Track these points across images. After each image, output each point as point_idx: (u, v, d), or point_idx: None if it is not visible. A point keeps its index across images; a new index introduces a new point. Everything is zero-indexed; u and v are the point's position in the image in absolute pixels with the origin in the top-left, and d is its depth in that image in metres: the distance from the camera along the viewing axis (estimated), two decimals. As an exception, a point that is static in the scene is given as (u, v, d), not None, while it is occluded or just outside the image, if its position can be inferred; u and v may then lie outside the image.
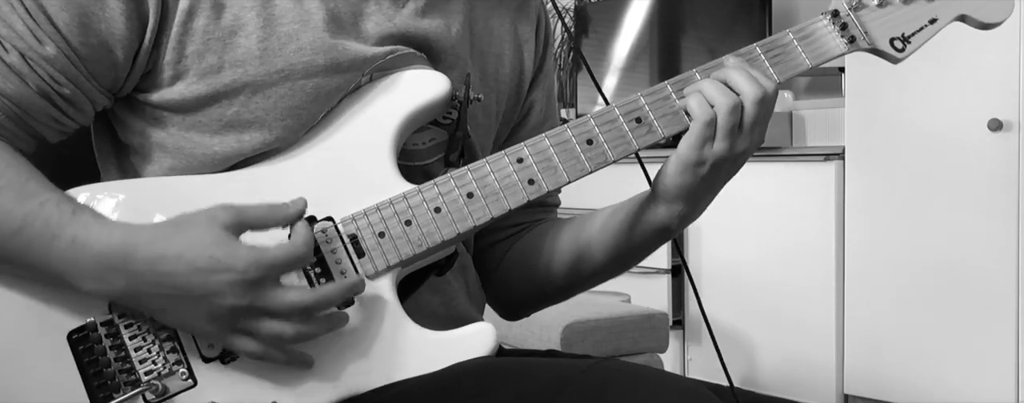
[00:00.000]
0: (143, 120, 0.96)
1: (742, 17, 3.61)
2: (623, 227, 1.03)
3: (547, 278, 1.11)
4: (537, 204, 1.12)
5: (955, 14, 0.98)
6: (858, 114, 3.13)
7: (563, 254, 1.09)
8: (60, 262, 0.85)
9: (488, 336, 0.91)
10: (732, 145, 0.92)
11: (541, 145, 0.93)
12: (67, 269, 0.85)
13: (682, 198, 0.96)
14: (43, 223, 0.85)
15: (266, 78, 0.92)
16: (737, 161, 0.95)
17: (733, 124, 0.91)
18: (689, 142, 0.92)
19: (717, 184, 0.96)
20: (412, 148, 1.01)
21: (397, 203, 0.92)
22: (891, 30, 0.97)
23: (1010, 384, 2.81)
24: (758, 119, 0.92)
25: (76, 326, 0.89)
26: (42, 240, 0.85)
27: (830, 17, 0.97)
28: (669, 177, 0.95)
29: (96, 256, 0.84)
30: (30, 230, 0.85)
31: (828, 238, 3.17)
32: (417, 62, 0.99)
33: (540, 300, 1.16)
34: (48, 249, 0.85)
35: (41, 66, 0.89)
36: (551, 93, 1.17)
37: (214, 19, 0.92)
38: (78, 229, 0.85)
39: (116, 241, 0.84)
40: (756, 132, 0.93)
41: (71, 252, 0.84)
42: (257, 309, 0.83)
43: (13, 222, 0.85)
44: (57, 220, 0.85)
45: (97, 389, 0.88)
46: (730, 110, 0.91)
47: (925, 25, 0.98)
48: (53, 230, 0.85)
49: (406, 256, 0.91)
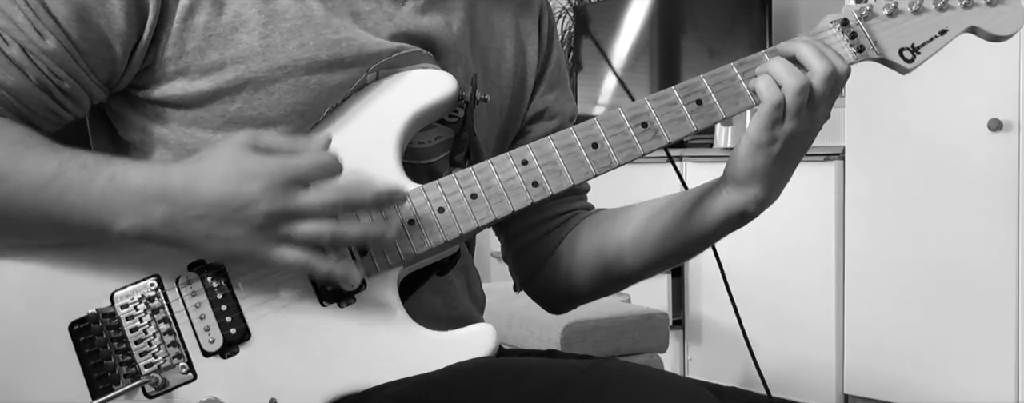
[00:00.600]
0: (144, 116, 0.96)
1: (742, 17, 3.61)
2: (684, 216, 1.02)
3: (592, 277, 1.11)
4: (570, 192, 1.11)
5: (966, 26, 0.97)
6: (858, 114, 3.13)
7: (608, 251, 1.09)
8: (99, 200, 0.85)
9: (488, 337, 0.91)
10: (800, 123, 0.92)
11: (546, 147, 0.93)
12: (105, 207, 0.85)
13: (757, 180, 0.95)
14: (80, 165, 0.86)
15: (269, 74, 0.92)
16: (806, 138, 0.95)
17: (801, 102, 0.91)
18: (759, 123, 0.92)
19: (790, 163, 0.96)
20: (417, 146, 1.01)
21: (400, 202, 0.92)
22: (901, 40, 0.97)
23: (1010, 384, 2.81)
24: (827, 96, 0.92)
25: (78, 317, 0.89)
26: (79, 182, 0.85)
27: (840, 26, 0.96)
28: (741, 160, 0.95)
29: (135, 189, 0.84)
30: (67, 175, 0.85)
31: (828, 238, 3.17)
32: (423, 60, 0.99)
33: (587, 295, 1.15)
34: (86, 189, 0.85)
35: (41, 59, 0.89)
36: (563, 84, 1.16)
37: (215, 15, 0.92)
38: (116, 167, 0.86)
39: (155, 173, 0.85)
40: (824, 108, 0.93)
41: (111, 188, 0.85)
42: (291, 212, 0.83)
43: (48, 169, 0.85)
44: (93, 163, 0.86)
45: (97, 380, 0.89)
46: (798, 90, 0.91)
47: (935, 36, 0.97)
48: (90, 172, 0.85)
49: (408, 255, 0.91)
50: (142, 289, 0.91)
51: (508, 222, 1.01)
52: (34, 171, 0.85)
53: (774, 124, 0.92)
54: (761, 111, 0.92)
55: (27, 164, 0.86)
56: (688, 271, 3.53)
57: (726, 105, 0.94)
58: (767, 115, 0.91)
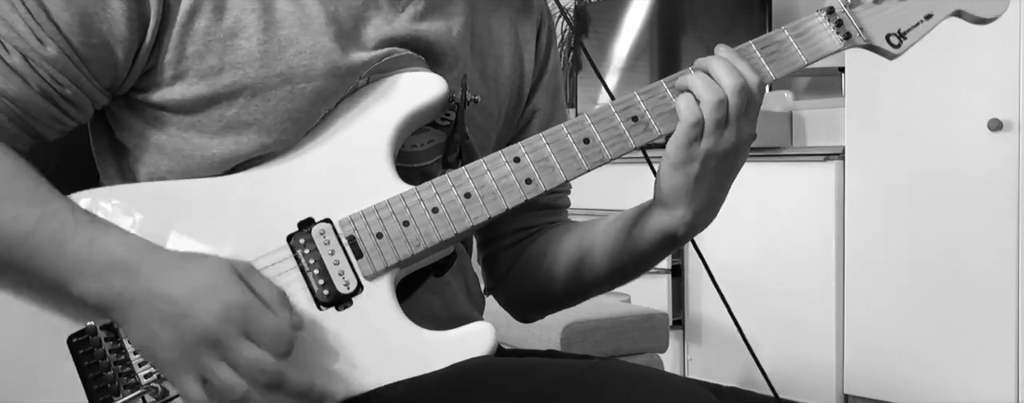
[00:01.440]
0: (142, 120, 0.96)
1: (742, 17, 3.61)
2: (623, 235, 1.03)
3: (553, 284, 1.11)
4: (546, 206, 1.13)
5: (951, 9, 0.97)
6: (858, 114, 3.12)
7: (568, 260, 1.09)
8: (70, 262, 0.84)
9: (487, 336, 0.91)
10: (718, 141, 0.92)
11: (537, 144, 0.93)
12: (73, 269, 0.84)
13: (681, 201, 0.95)
14: (58, 225, 0.85)
15: (265, 81, 0.92)
16: (728, 158, 0.94)
17: (719, 118, 0.91)
18: (675, 142, 0.92)
19: (715, 185, 0.95)
20: (410, 150, 1.01)
21: (395, 204, 0.92)
22: (887, 26, 0.97)
23: (1010, 384, 2.81)
24: (742, 111, 0.92)
25: (76, 330, 0.89)
26: (54, 242, 0.85)
27: (825, 14, 0.97)
28: (663, 180, 0.95)
29: (109, 257, 0.84)
30: (42, 234, 0.85)
31: (828, 238, 3.17)
32: (414, 64, 0.99)
33: (549, 304, 1.16)
34: (59, 250, 0.84)
35: (43, 67, 0.89)
36: (557, 94, 1.17)
37: (215, 20, 0.92)
38: (96, 232, 0.85)
39: (137, 245, 0.85)
40: (744, 125, 0.93)
41: (86, 252, 0.84)
42: (223, 350, 0.82)
43: (24, 226, 0.85)
44: (72, 224, 0.85)
45: (97, 392, 0.88)
46: (716, 105, 0.90)
47: (921, 20, 0.97)
48: (68, 232, 0.85)
49: (404, 257, 0.91)
50: None
51: (489, 227, 1.01)
52: (14, 223, 0.85)
53: (690, 143, 0.92)
54: (678, 129, 0.92)
55: (7, 215, 0.85)
56: (688, 271, 3.53)
57: None
58: (683, 134, 0.91)
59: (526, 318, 1.19)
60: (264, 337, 0.82)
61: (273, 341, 0.82)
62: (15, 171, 0.88)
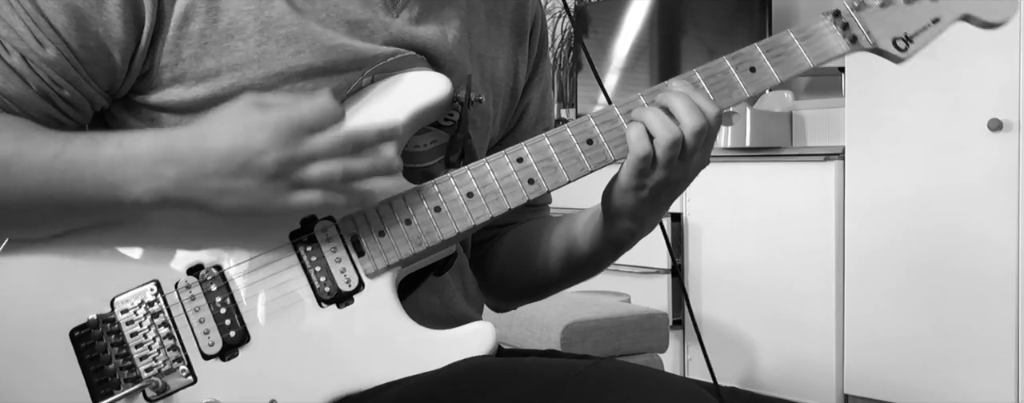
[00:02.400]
0: (141, 121, 0.96)
1: (742, 17, 3.61)
2: (573, 239, 1.06)
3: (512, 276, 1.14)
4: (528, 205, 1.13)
5: (958, 14, 0.97)
6: (858, 114, 3.13)
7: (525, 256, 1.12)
8: (108, 169, 0.85)
9: (487, 335, 0.91)
10: (671, 172, 0.93)
11: (541, 144, 0.93)
12: (115, 175, 0.85)
13: (627, 217, 0.97)
14: (85, 138, 0.87)
15: (265, 81, 0.92)
16: (679, 185, 0.95)
17: (672, 156, 0.91)
18: (627, 170, 0.93)
19: (660, 204, 0.97)
20: (413, 150, 1.01)
21: (397, 202, 0.92)
22: (894, 30, 0.97)
23: (1010, 384, 2.81)
24: (697, 148, 0.92)
25: (78, 324, 0.90)
26: (86, 153, 0.85)
27: (832, 17, 0.96)
28: (612, 199, 0.97)
29: (143, 154, 0.85)
30: (72, 146, 0.86)
31: (828, 238, 3.17)
32: (418, 65, 0.99)
33: (513, 297, 1.19)
34: (94, 160, 0.85)
35: (42, 68, 0.89)
36: (545, 95, 1.18)
37: (210, 23, 0.92)
38: (123, 136, 0.87)
39: (162, 136, 0.86)
40: (698, 157, 0.93)
41: (119, 155, 0.85)
42: (301, 157, 0.83)
43: (54, 144, 0.86)
44: (98, 134, 0.87)
45: (98, 386, 0.89)
46: (670, 144, 0.90)
47: (928, 25, 0.97)
48: (96, 142, 0.86)
49: (406, 255, 0.91)
50: (141, 294, 0.91)
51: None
52: (40, 148, 0.86)
53: (642, 173, 0.92)
54: (629, 160, 0.92)
55: (33, 143, 0.86)
56: (688, 271, 3.53)
57: (720, 98, 0.94)
58: (635, 165, 0.92)
59: (503, 308, 1.21)
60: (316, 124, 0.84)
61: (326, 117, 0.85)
62: (28, 121, 0.89)
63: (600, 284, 1.95)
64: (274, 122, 0.83)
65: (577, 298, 2.54)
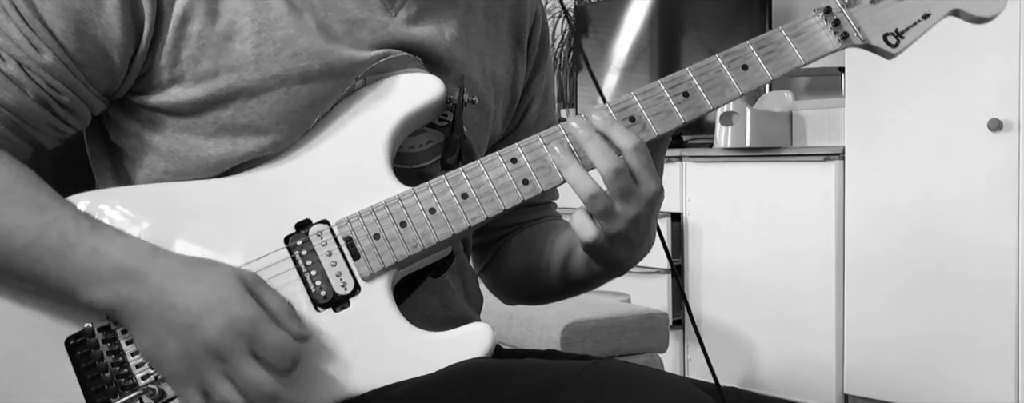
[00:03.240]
0: (137, 122, 0.96)
1: (742, 17, 3.61)
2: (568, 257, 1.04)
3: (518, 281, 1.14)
4: (531, 204, 1.13)
5: (948, 9, 0.97)
6: (858, 114, 3.12)
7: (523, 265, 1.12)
8: (73, 271, 0.85)
9: (485, 336, 0.91)
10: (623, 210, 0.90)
11: (535, 144, 0.93)
12: (79, 278, 0.85)
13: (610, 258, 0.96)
14: (59, 234, 0.85)
15: (261, 83, 0.92)
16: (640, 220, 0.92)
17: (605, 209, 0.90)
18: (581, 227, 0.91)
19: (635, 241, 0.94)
20: (409, 151, 1.01)
21: (392, 205, 0.92)
22: (884, 25, 0.97)
23: (1010, 384, 2.81)
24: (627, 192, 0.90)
25: (73, 333, 0.89)
26: (57, 251, 0.85)
27: (823, 14, 0.96)
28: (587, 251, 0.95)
29: (115, 265, 0.84)
30: (45, 241, 0.85)
31: (828, 238, 3.17)
32: (411, 65, 0.98)
33: (521, 298, 1.18)
34: (62, 259, 0.85)
35: (39, 75, 0.89)
36: (548, 93, 1.17)
37: (209, 24, 0.92)
38: (99, 241, 0.85)
39: (143, 252, 0.86)
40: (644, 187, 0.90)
41: (89, 261, 0.85)
42: (228, 365, 0.82)
43: (27, 235, 0.85)
44: (74, 231, 0.86)
45: (95, 394, 0.88)
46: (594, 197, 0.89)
47: (918, 20, 0.97)
48: (70, 240, 0.85)
49: (401, 258, 0.91)
50: None
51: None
52: (13, 234, 0.85)
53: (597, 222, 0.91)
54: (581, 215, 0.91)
55: (8, 223, 0.86)
56: (688, 271, 3.53)
57: (713, 96, 0.94)
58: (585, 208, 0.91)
59: (509, 302, 1.21)
60: (269, 353, 0.83)
61: (278, 358, 0.83)
62: (14, 178, 0.88)
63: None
64: (238, 317, 0.82)
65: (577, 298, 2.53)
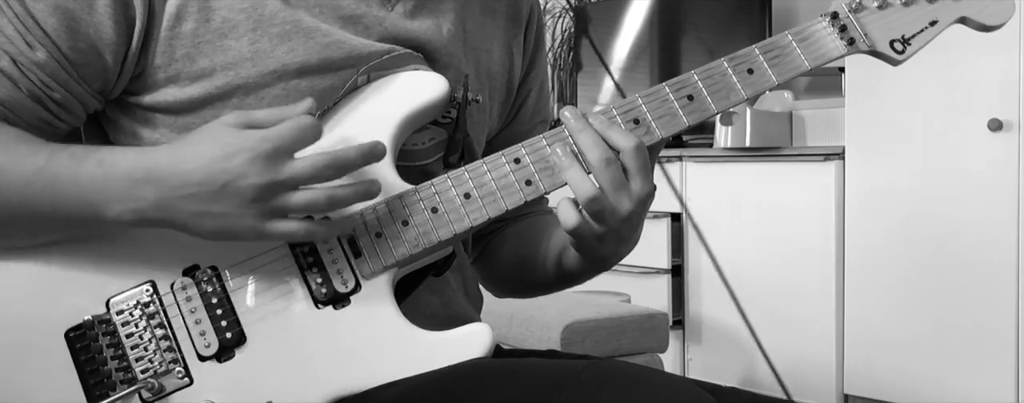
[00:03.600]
0: (134, 121, 0.96)
1: (742, 17, 3.61)
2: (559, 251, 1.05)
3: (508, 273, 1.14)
4: None
5: (956, 16, 0.97)
6: (858, 114, 3.12)
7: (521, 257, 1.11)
8: (89, 186, 0.85)
9: (485, 336, 0.91)
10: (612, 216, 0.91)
11: (538, 145, 0.93)
12: (95, 193, 0.85)
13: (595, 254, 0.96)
14: (68, 154, 0.86)
15: (259, 80, 0.92)
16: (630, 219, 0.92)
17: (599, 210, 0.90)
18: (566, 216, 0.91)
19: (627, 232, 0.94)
20: (412, 148, 1.00)
21: (393, 203, 0.92)
22: (891, 32, 0.96)
23: (1010, 384, 2.81)
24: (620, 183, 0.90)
25: (73, 325, 0.89)
26: (68, 169, 0.85)
27: (829, 19, 0.96)
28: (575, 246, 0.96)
29: (123, 172, 0.84)
30: (55, 163, 0.85)
31: (828, 238, 3.17)
32: (414, 62, 0.98)
33: (510, 291, 1.19)
34: (75, 176, 0.85)
35: (32, 71, 0.89)
36: (543, 87, 1.18)
37: (203, 22, 0.92)
38: (103, 153, 0.86)
39: (142, 156, 0.85)
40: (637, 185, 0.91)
41: (99, 173, 0.85)
42: (280, 183, 0.83)
43: (37, 159, 0.86)
44: (81, 151, 0.86)
45: (94, 387, 0.88)
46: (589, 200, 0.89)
47: (925, 27, 0.97)
48: (78, 159, 0.85)
49: (403, 256, 0.91)
50: (137, 295, 0.90)
51: None
52: (22, 163, 0.86)
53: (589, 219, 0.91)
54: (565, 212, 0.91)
55: (15, 157, 0.86)
56: (688, 271, 3.53)
57: (718, 100, 0.94)
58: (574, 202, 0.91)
59: (498, 294, 1.21)
60: (295, 145, 0.84)
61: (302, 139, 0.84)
62: (13, 130, 0.89)
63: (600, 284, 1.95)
64: (251, 146, 0.83)
65: (577, 298, 2.54)
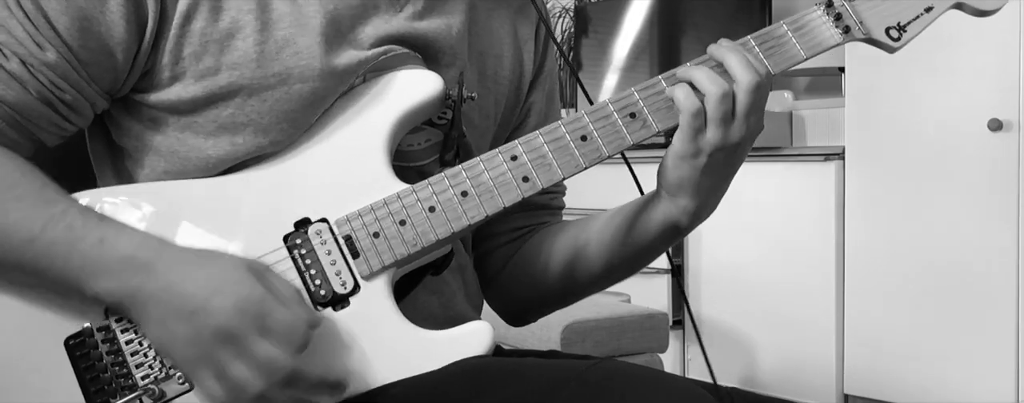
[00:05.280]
0: (138, 121, 0.95)
1: (742, 17, 3.61)
2: (625, 227, 1.02)
3: (545, 282, 1.11)
4: (541, 206, 1.12)
5: (951, 2, 0.96)
6: (858, 114, 3.12)
7: (561, 256, 1.09)
8: (81, 262, 0.84)
9: (484, 335, 0.91)
10: (726, 134, 0.91)
11: (535, 142, 0.93)
12: (86, 269, 0.84)
13: (686, 192, 0.95)
14: (66, 227, 0.85)
15: (262, 81, 0.92)
16: (735, 151, 0.93)
17: (724, 112, 0.90)
18: (680, 135, 0.92)
19: (719, 176, 0.95)
20: (408, 149, 1.00)
21: (391, 203, 0.92)
22: (886, 19, 0.96)
23: (1010, 384, 2.81)
24: (752, 107, 0.91)
25: (73, 333, 0.89)
26: (63, 243, 0.84)
27: (824, 7, 0.96)
28: (668, 170, 0.95)
29: (123, 255, 0.84)
30: (51, 233, 0.85)
31: (828, 238, 3.16)
32: (411, 62, 0.98)
33: (541, 306, 1.15)
34: (70, 251, 0.84)
35: (42, 72, 0.88)
36: (552, 94, 1.17)
37: (212, 21, 0.92)
38: (106, 232, 0.85)
39: (151, 243, 0.85)
40: (752, 119, 0.92)
41: (96, 252, 0.84)
42: (240, 347, 0.81)
43: (33, 227, 0.85)
44: (81, 224, 0.85)
45: (94, 394, 0.88)
46: (720, 99, 0.90)
47: (921, 13, 0.96)
48: (78, 233, 0.85)
49: (401, 256, 0.91)
50: None
51: (483, 226, 1.01)
52: (20, 226, 0.85)
53: (696, 134, 0.91)
54: (681, 122, 0.91)
55: (13, 217, 0.85)
56: (688, 271, 3.53)
57: None
58: (687, 125, 0.91)
59: (516, 321, 1.18)
60: (279, 332, 0.82)
61: (288, 336, 0.82)
62: (20, 174, 0.88)
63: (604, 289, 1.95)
64: (246, 298, 0.82)
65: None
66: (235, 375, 0.82)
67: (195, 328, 0.82)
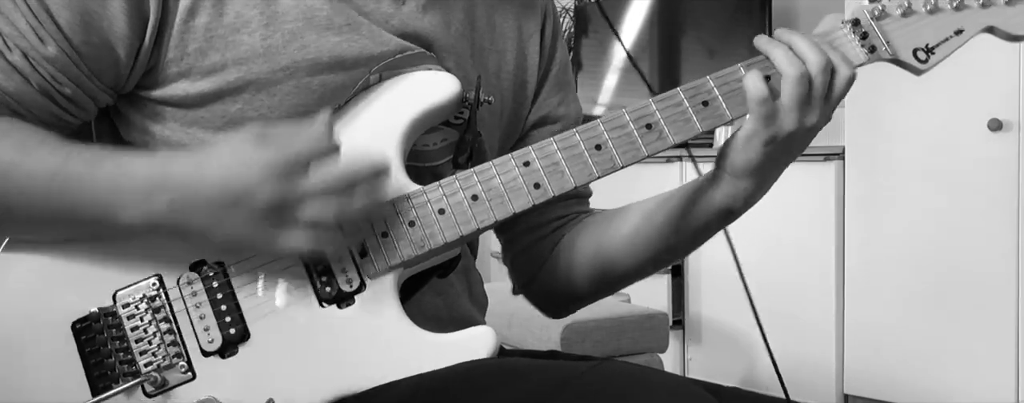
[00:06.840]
0: (145, 116, 0.96)
1: (742, 17, 3.61)
2: (679, 211, 1.02)
3: (594, 272, 1.10)
4: (573, 195, 1.11)
5: (983, 25, 0.94)
6: (858, 114, 3.13)
7: (614, 244, 1.08)
8: (104, 191, 0.85)
9: (489, 339, 0.91)
10: (801, 116, 0.91)
11: (549, 149, 0.93)
12: (111, 198, 0.85)
13: (750, 174, 0.95)
14: (84, 159, 0.86)
15: (271, 76, 0.92)
16: (805, 136, 0.93)
17: (800, 94, 0.90)
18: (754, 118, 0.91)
19: (782, 161, 0.95)
20: (423, 149, 1.00)
21: (401, 204, 0.92)
22: (915, 41, 0.94)
23: (1010, 384, 2.81)
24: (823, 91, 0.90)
25: (80, 317, 0.90)
26: (85, 173, 0.85)
27: (851, 26, 0.94)
28: (736, 152, 0.94)
29: (139, 179, 0.85)
30: (71, 166, 0.86)
31: (828, 238, 3.17)
32: (427, 61, 0.98)
33: (588, 295, 1.15)
34: (91, 180, 0.85)
35: (43, 66, 0.89)
36: (567, 94, 1.16)
37: (216, 16, 0.92)
38: (120, 158, 0.87)
39: (158, 163, 0.86)
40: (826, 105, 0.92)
41: (115, 176, 0.85)
42: (293, 197, 0.83)
43: (54, 161, 0.86)
44: (97, 154, 0.87)
45: (97, 379, 0.89)
46: (797, 79, 0.89)
47: (950, 36, 0.94)
48: (95, 161, 0.86)
49: (408, 257, 0.91)
50: (144, 288, 0.91)
51: (508, 225, 1.00)
52: (40, 164, 0.86)
53: (768, 119, 0.91)
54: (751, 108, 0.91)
55: (34, 158, 0.86)
56: (688, 271, 3.53)
57: (732, 106, 0.93)
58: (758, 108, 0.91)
59: (559, 313, 1.18)
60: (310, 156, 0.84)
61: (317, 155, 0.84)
62: (33, 128, 0.89)
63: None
64: (266, 161, 0.83)
65: (577, 298, 2.54)
66: (308, 218, 0.83)
67: (247, 212, 0.83)
